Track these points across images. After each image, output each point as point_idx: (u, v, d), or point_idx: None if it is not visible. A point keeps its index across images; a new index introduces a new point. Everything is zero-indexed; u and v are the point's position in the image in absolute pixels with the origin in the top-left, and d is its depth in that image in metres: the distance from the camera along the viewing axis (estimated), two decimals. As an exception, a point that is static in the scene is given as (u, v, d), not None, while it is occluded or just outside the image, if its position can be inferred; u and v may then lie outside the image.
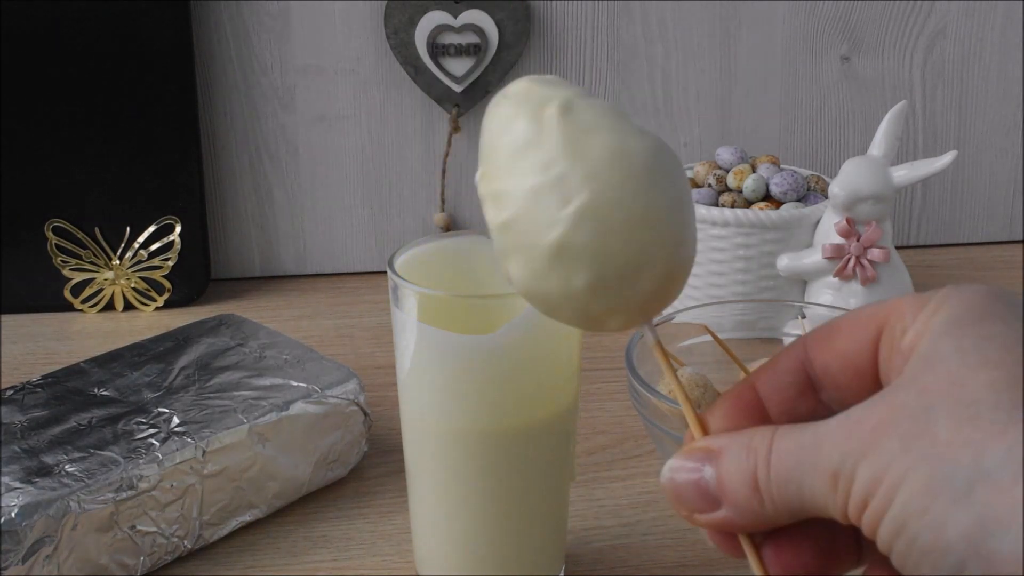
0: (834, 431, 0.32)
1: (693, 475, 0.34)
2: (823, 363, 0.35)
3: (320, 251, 0.93)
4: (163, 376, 0.63)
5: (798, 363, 0.36)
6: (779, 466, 0.33)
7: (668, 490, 0.35)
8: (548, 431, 0.51)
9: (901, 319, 0.33)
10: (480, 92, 0.89)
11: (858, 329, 0.34)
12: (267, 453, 0.59)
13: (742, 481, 0.33)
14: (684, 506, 0.35)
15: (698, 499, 0.34)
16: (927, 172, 0.74)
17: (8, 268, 0.85)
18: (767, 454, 0.33)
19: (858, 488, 0.31)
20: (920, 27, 0.93)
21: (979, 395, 0.30)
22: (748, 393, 0.37)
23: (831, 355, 0.35)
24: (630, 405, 0.71)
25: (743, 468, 0.33)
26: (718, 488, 0.34)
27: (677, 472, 0.35)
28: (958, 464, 0.29)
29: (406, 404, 0.51)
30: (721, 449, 0.34)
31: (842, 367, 0.35)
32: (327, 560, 0.58)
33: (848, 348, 0.35)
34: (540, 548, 0.53)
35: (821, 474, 0.32)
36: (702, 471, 0.34)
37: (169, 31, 0.84)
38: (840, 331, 0.35)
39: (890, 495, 0.30)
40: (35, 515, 0.51)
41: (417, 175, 0.92)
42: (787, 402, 0.36)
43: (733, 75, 0.93)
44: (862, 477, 0.31)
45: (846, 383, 0.35)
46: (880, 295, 0.75)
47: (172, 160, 0.85)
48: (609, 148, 0.36)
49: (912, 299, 0.33)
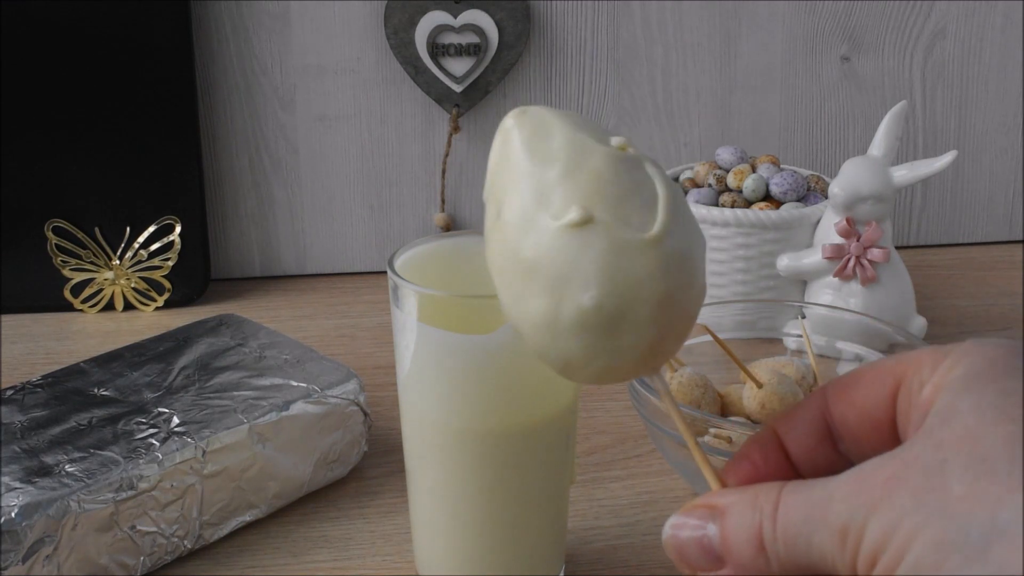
0: (844, 485, 0.31)
1: (696, 533, 0.34)
2: (841, 414, 0.35)
3: (320, 251, 0.93)
4: (163, 376, 0.63)
5: (818, 412, 0.36)
6: (786, 522, 0.32)
7: (670, 547, 0.34)
8: (548, 431, 0.51)
9: (919, 372, 0.33)
10: (480, 92, 0.89)
11: (877, 381, 0.34)
12: (267, 453, 0.59)
13: (746, 539, 0.32)
14: (687, 564, 0.34)
15: (701, 557, 0.34)
16: (927, 172, 0.74)
17: (8, 268, 0.85)
18: (773, 511, 0.32)
19: (868, 544, 0.30)
20: (920, 27, 0.93)
21: (995, 450, 0.29)
22: (770, 440, 0.36)
23: (849, 407, 0.35)
24: (630, 405, 0.71)
25: (748, 525, 0.33)
26: (722, 546, 0.33)
27: (680, 529, 0.34)
28: (973, 520, 0.28)
29: (406, 404, 0.51)
30: (725, 506, 0.33)
31: (860, 419, 0.34)
32: (327, 560, 0.58)
33: (866, 400, 0.34)
34: (540, 548, 0.53)
35: (830, 529, 0.31)
36: (705, 529, 0.34)
37: (169, 31, 0.84)
38: (859, 383, 0.35)
39: (901, 551, 0.29)
40: (35, 515, 0.51)
41: (417, 175, 0.92)
42: (808, 451, 0.36)
43: (733, 75, 0.93)
44: (872, 532, 0.30)
45: (864, 435, 0.35)
46: (880, 295, 0.75)
47: (172, 160, 0.85)
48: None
49: (931, 352, 0.33)
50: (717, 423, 0.58)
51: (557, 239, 0.36)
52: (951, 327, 0.83)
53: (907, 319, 0.76)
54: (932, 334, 0.79)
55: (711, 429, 0.58)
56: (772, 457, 0.36)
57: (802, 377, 0.63)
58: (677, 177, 0.84)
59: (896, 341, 0.66)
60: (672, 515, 0.35)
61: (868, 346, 0.67)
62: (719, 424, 0.58)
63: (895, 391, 0.33)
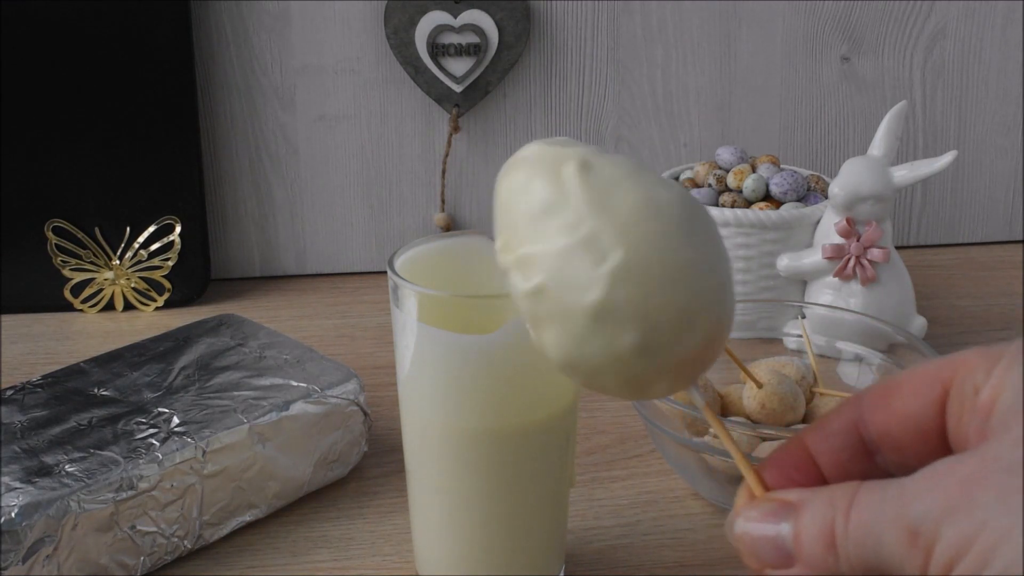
0: (916, 484, 0.30)
1: (769, 530, 0.33)
2: (881, 425, 0.34)
3: (320, 251, 0.93)
4: (163, 376, 0.63)
5: (850, 424, 0.35)
6: (858, 520, 0.31)
7: (743, 543, 0.33)
8: (548, 431, 0.51)
9: (972, 376, 0.31)
10: (480, 92, 0.89)
11: (920, 389, 0.33)
12: (267, 453, 0.59)
13: (818, 535, 0.31)
14: (757, 560, 0.33)
15: (773, 554, 0.32)
16: (927, 172, 0.74)
17: (8, 268, 0.85)
18: (847, 507, 0.31)
19: (943, 548, 0.28)
20: (920, 27, 0.93)
21: None
22: (799, 451, 0.35)
23: (890, 416, 0.33)
24: (630, 405, 0.71)
25: (821, 522, 0.31)
26: (794, 544, 0.32)
27: (753, 526, 0.33)
28: None
29: (406, 404, 0.51)
30: (801, 503, 0.32)
31: (903, 429, 0.33)
32: (327, 560, 0.58)
33: (909, 409, 0.33)
34: (540, 548, 0.53)
35: (899, 529, 0.29)
36: (779, 526, 0.32)
37: (169, 31, 0.84)
38: (899, 391, 0.33)
39: (986, 555, 0.28)
40: (35, 515, 0.51)
41: (417, 175, 0.92)
42: (839, 464, 0.35)
43: (733, 75, 0.93)
44: (948, 536, 0.28)
45: (908, 445, 0.33)
46: (880, 295, 0.75)
47: (172, 160, 0.85)
48: (637, 202, 0.35)
49: (980, 355, 0.32)
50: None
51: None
52: (951, 327, 0.83)
53: (907, 319, 0.76)
54: (932, 334, 0.79)
55: (711, 429, 0.58)
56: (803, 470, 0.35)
57: (802, 377, 0.63)
58: (677, 176, 0.84)
59: (896, 341, 0.66)
60: (742, 509, 0.34)
61: (868, 346, 0.67)
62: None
63: (943, 397, 0.32)
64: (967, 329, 0.83)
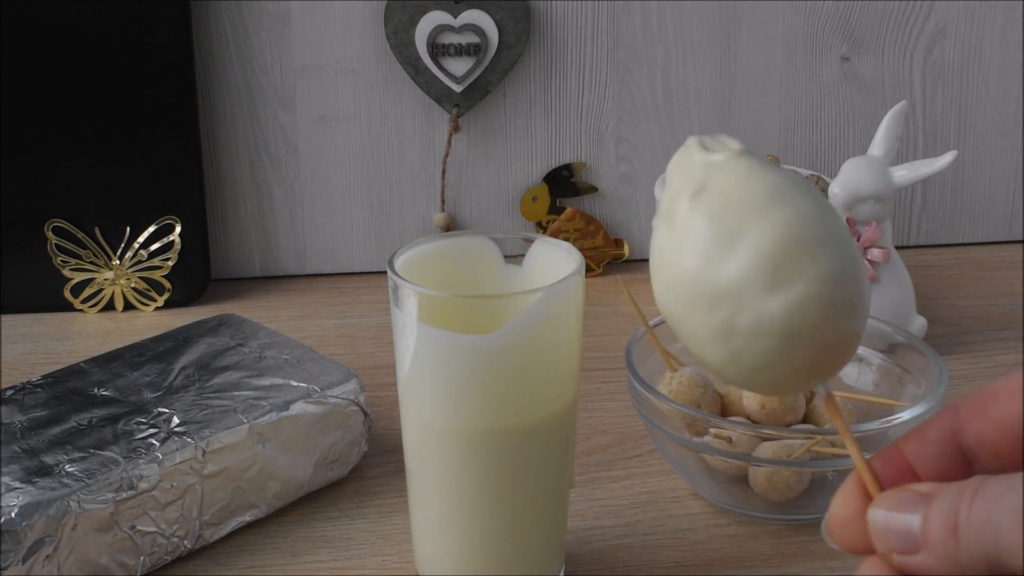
0: None
1: (902, 518, 0.34)
2: (979, 433, 0.34)
3: (320, 251, 0.93)
4: (163, 376, 0.63)
5: (947, 433, 0.35)
6: (980, 507, 0.31)
7: (877, 528, 0.34)
8: (548, 431, 0.51)
9: None
10: (480, 92, 0.89)
11: (1016, 396, 0.34)
12: (267, 453, 0.59)
13: (943, 521, 0.32)
14: (885, 545, 0.34)
15: (900, 541, 0.34)
16: (927, 172, 0.74)
17: (8, 268, 0.85)
18: (972, 495, 0.32)
19: None
20: (920, 27, 0.93)
21: None
22: (898, 459, 0.36)
23: (989, 424, 0.34)
24: (630, 405, 0.70)
25: (948, 510, 0.32)
26: (922, 531, 0.33)
27: (885, 513, 0.34)
28: None
29: (406, 404, 0.51)
30: (934, 492, 0.33)
31: (1002, 436, 0.34)
32: (327, 560, 0.58)
33: (1008, 416, 0.34)
34: (540, 548, 0.53)
35: (1016, 525, 0.30)
36: (910, 515, 0.33)
37: (169, 31, 0.84)
38: (996, 400, 0.34)
39: None
40: (35, 515, 0.51)
41: (417, 175, 0.92)
42: (939, 472, 0.35)
43: (733, 75, 0.93)
44: None
45: (1007, 452, 0.34)
46: (880, 295, 0.75)
47: (172, 160, 0.85)
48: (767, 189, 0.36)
49: None
50: (717, 423, 0.58)
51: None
52: (951, 327, 0.83)
53: (907, 319, 0.76)
54: (932, 334, 0.79)
55: (711, 429, 0.58)
56: (902, 479, 0.36)
57: (802, 377, 0.63)
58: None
59: (896, 341, 0.66)
60: (880, 496, 0.35)
61: (868, 346, 0.67)
62: (719, 424, 0.58)
63: None
64: (967, 329, 0.83)
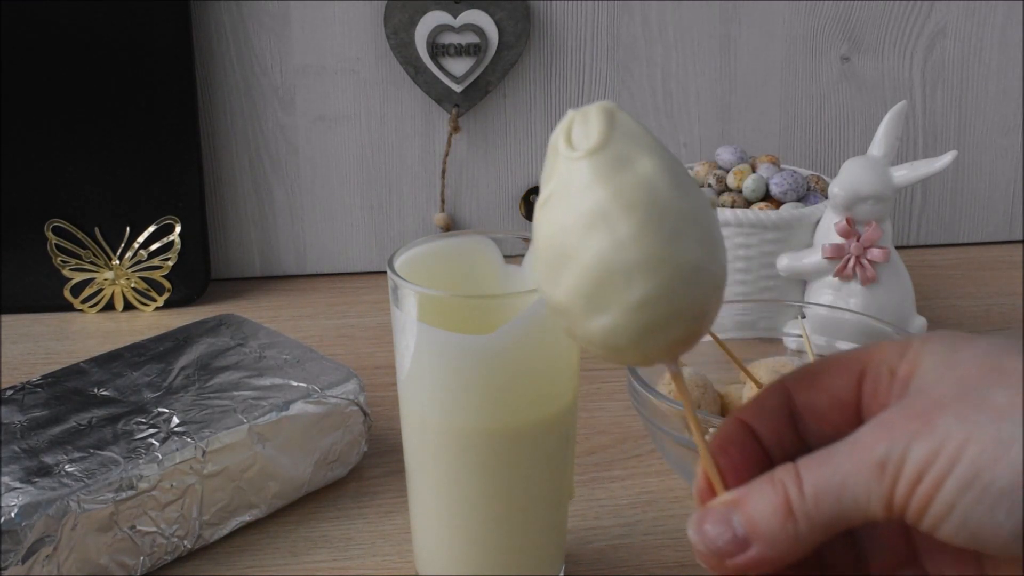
0: (871, 432, 0.33)
1: (720, 524, 0.35)
2: (808, 399, 0.38)
3: (320, 251, 0.93)
4: (163, 376, 0.63)
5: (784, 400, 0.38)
6: (813, 480, 0.34)
7: (698, 542, 0.36)
8: (548, 431, 0.51)
9: (886, 360, 0.36)
10: (480, 92, 0.89)
11: (843, 368, 0.37)
12: (267, 453, 0.59)
13: (773, 512, 0.34)
14: (714, 554, 0.35)
15: (729, 545, 0.35)
16: (927, 172, 0.74)
17: (8, 268, 0.85)
18: (796, 478, 0.34)
19: (910, 467, 0.32)
20: (920, 27, 0.93)
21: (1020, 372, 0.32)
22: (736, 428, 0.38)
23: (819, 391, 0.38)
24: (630, 405, 0.71)
25: (772, 501, 0.34)
26: (748, 528, 0.35)
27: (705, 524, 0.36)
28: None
29: (406, 404, 0.51)
30: (743, 496, 0.35)
31: (829, 402, 0.37)
32: (327, 560, 0.58)
33: (834, 385, 0.37)
34: (540, 548, 0.53)
35: (865, 469, 0.33)
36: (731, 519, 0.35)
37: (169, 31, 0.84)
38: (827, 371, 0.38)
39: (951, 461, 0.31)
40: (35, 515, 0.51)
41: (417, 175, 0.92)
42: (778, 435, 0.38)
43: (733, 75, 0.93)
44: (915, 455, 0.32)
45: (829, 416, 0.38)
46: (880, 295, 0.75)
47: (172, 160, 0.85)
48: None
49: (891, 344, 0.37)
50: (717, 423, 0.58)
51: None
52: (951, 327, 0.83)
53: (907, 319, 0.76)
54: (932, 334, 0.79)
55: (711, 429, 0.58)
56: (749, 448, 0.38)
57: (802, 377, 0.63)
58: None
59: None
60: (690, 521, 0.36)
61: (868, 346, 0.66)
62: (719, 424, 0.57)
63: (860, 377, 0.37)
64: (967, 329, 0.83)
